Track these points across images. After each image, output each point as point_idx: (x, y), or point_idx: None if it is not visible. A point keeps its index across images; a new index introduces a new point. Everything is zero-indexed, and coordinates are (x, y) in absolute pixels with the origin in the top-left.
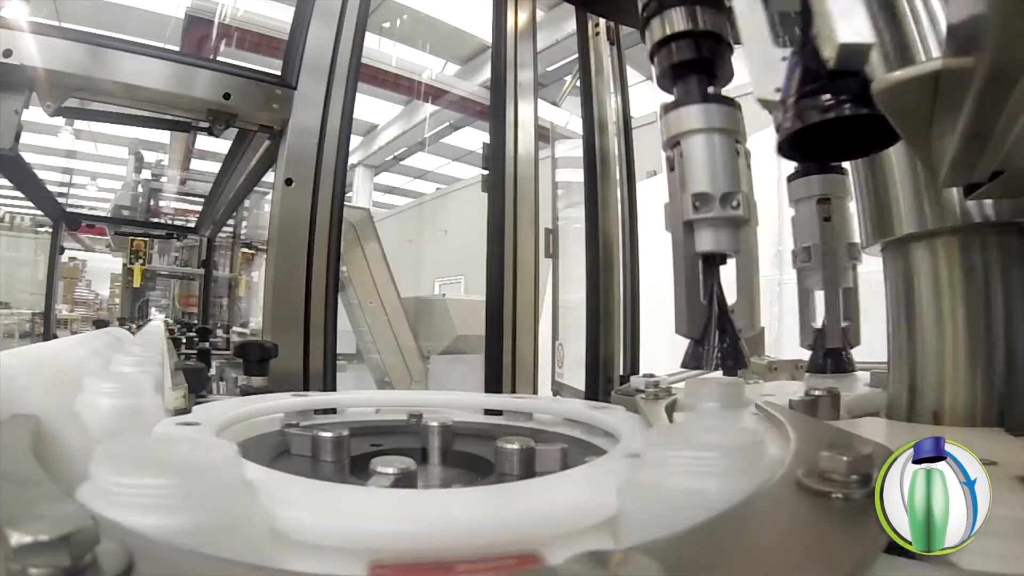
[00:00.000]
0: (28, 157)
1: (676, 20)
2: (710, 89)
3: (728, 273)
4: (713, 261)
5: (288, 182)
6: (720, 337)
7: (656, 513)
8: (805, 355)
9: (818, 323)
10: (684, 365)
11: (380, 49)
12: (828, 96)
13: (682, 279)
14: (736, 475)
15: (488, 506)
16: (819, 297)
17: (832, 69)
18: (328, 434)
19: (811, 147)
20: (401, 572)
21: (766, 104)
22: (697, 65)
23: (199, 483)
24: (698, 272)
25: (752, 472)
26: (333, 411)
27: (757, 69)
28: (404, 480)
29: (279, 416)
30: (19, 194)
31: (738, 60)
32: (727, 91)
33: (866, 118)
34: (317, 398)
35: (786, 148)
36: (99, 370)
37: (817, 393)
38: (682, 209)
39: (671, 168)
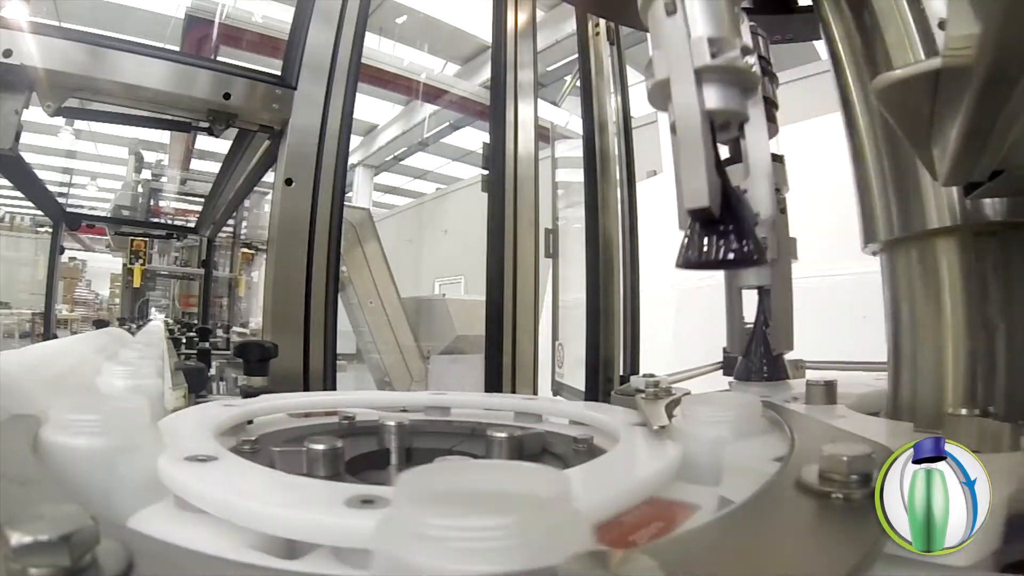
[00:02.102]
0: (28, 157)
1: None
2: None
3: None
4: (760, 291)
5: (288, 182)
6: (763, 354)
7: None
8: (805, 355)
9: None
10: (737, 377)
11: (380, 49)
12: (706, 242)
13: (731, 309)
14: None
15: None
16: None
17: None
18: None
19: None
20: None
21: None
22: None
23: (538, 520)
24: (742, 302)
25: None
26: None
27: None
28: None
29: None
30: (19, 194)
31: None
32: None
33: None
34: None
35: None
36: (99, 371)
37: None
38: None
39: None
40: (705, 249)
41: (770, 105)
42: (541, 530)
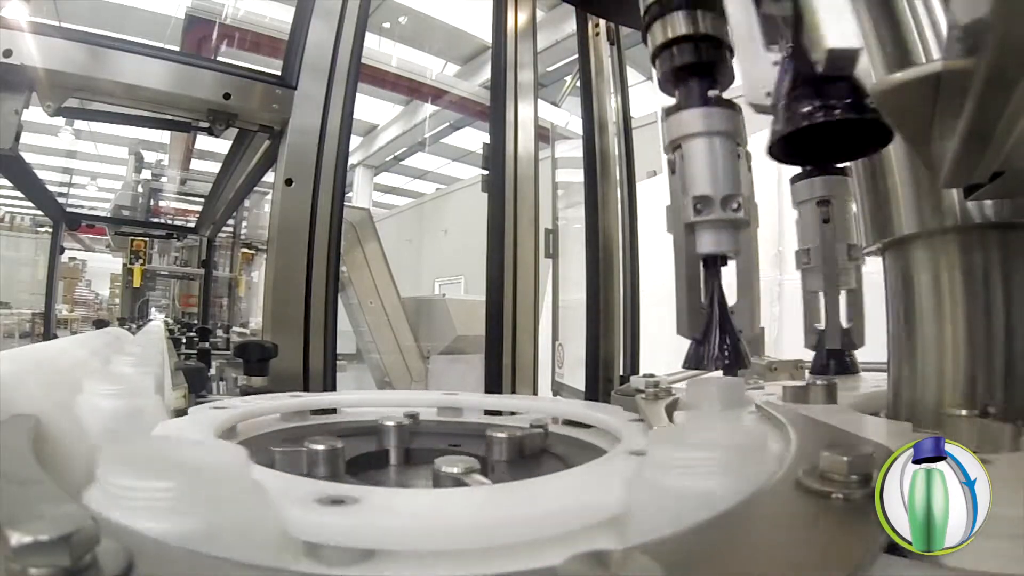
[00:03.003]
0: (28, 157)
1: (677, 24)
2: (711, 92)
3: (728, 273)
4: (714, 263)
5: (288, 182)
6: (720, 338)
7: (660, 512)
8: (806, 355)
9: (822, 324)
10: (686, 365)
11: (380, 49)
12: (817, 100)
13: (683, 281)
14: (738, 475)
15: (491, 503)
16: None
17: (822, 74)
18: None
19: (803, 150)
20: None
21: (757, 108)
22: (698, 69)
23: (208, 486)
24: (699, 274)
25: (753, 471)
26: (332, 411)
27: (749, 72)
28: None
29: (276, 417)
30: (19, 194)
31: (739, 63)
32: (728, 94)
33: (857, 121)
34: (313, 398)
35: (776, 151)
36: (99, 370)
37: (818, 382)
38: (683, 212)
39: (672, 171)
40: (700, 360)
41: None
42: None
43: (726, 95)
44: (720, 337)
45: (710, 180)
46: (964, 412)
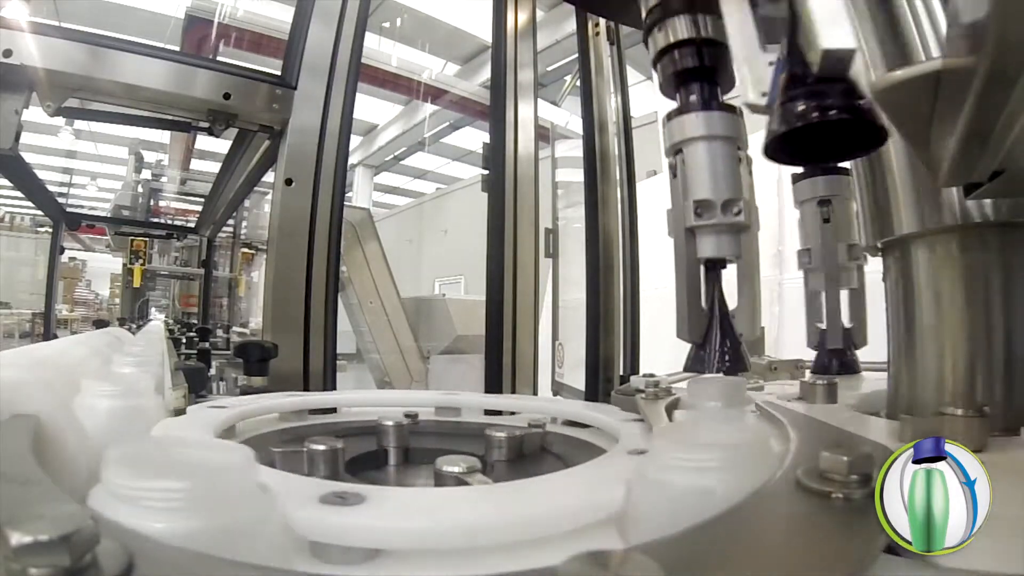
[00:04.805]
0: (28, 157)
1: (679, 28)
2: (712, 96)
3: (729, 276)
4: (715, 267)
5: (288, 182)
6: (721, 341)
7: (660, 512)
8: (805, 355)
9: (824, 324)
10: (687, 369)
11: (380, 49)
12: (812, 100)
13: (683, 284)
14: (739, 472)
15: (492, 503)
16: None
17: (817, 74)
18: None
19: (799, 149)
20: None
21: (753, 108)
22: (699, 73)
23: (214, 486)
24: (699, 277)
25: (755, 469)
26: (332, 411)
27: (745, 73)
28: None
29: (275, 416)
30: (19, 194)
31: (735, 64)
32: (729, 97)
33: (853, 121)
34: (313, 398)
35: (772, 150)
36: (99, 370)
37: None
38: (684, 216)
39: (673, 175)
40: (701, 364)
41: None
42: (215, 494)
43: (727, 98)
44: (721, 341)
45: (711, 184)
46: (960, 412)
